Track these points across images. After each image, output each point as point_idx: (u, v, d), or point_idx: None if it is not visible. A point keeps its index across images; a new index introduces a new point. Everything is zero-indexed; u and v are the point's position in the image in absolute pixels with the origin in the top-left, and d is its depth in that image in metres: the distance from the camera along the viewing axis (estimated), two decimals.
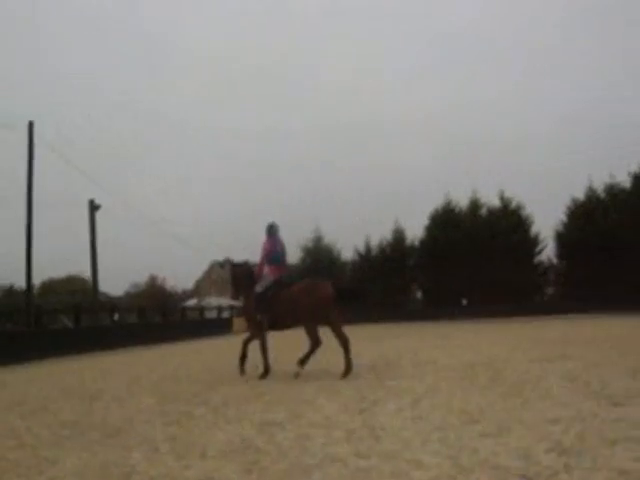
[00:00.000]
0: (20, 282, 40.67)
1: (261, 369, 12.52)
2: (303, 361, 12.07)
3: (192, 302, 65.12)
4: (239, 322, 40.83)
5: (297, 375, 11.79)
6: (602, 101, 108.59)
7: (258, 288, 12.83)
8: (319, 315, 12.12)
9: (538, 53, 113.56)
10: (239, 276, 13.40)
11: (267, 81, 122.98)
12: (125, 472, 5.33)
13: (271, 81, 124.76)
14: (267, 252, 13.01)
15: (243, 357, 13.09)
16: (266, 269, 13.05)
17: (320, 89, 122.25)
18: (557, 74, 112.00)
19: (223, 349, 22.46)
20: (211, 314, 46.60)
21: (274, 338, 12.94)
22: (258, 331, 12.94)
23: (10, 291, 68.36)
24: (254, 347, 12.89)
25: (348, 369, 11.66)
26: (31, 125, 32.18)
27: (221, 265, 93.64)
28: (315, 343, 12.11)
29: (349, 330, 12.10)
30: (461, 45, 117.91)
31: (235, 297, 14.40)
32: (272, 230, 13.11)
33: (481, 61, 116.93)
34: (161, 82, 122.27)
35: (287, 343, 12.67)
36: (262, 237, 13.16)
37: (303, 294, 12.15)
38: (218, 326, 39.11)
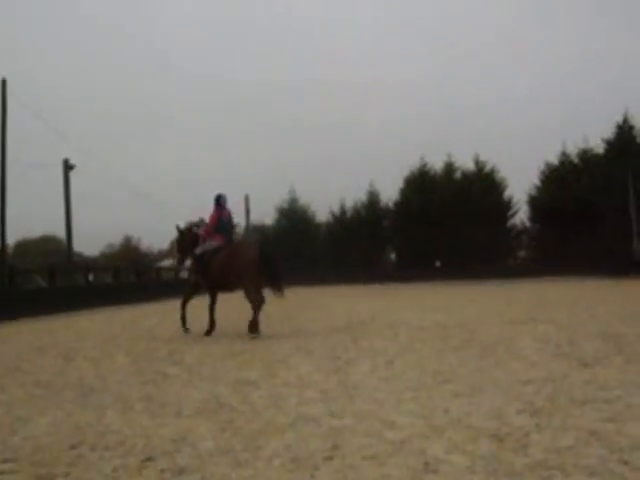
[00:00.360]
0: None
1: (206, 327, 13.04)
2: (253, 326, 12.08)
3: (167, 262, 64.85)
4: None
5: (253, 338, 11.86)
6: (580, 66, 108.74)
7: (197, 250, 13.34)
8: (248, 277, 12.30)
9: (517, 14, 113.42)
10: (186, 241, 13.74)
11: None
12: (99, 431, 5.29)
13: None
14: (213, 221, 13.33)
15: (183, 317, 13.58)
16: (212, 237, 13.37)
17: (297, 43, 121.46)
18: (536, 36, 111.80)
19: (197, 309, 22.41)
20: (186, 274, 46.36)
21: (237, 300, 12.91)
22: (190, 291, 13.88)
23: None
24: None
25: (254, 327, 12.06)
26: (4, 82, 31.57)
27: (196, 226, 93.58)
28: (254, 304, 12.23)
29: (324, 291, 12.10)
30: (442, 5, 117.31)
31: (180, 262, 14.80)
32: (220, 200, 13.39)
33: (463, 22, 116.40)
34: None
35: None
36: (232, 199, 13.55)
37: (229, 258, 12.53)
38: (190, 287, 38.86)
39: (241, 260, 12.32)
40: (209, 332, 12.89)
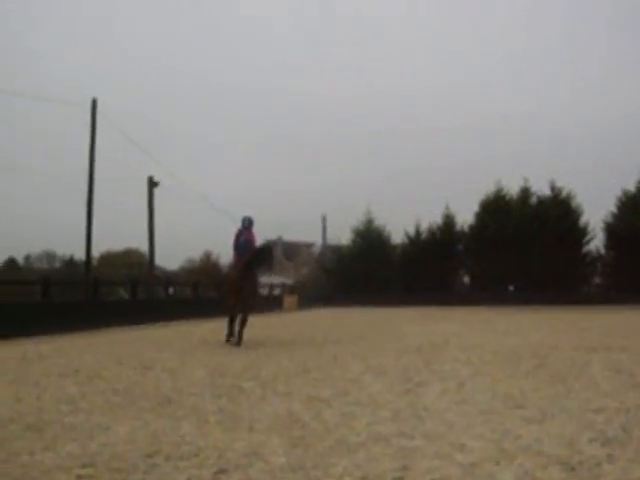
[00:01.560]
0: (80, 254, 41.38)
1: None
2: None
3: None
4: (289, 300, 41.15)
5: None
6: None
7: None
8: (231, 295, 14.38)
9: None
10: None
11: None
12: (174, 441, 5.36)
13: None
14: (234, 240, 14.53)
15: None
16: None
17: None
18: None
19: (273, 325, 22.57)
20: (263, 291, 46.75)
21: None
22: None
23: (70, 262, 69.64)
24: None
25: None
26: (94, 102, 32.60)
27: (274, 243, 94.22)
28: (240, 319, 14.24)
29: (397, 312, 12.05)
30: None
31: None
32: (243, 222, 14.42)
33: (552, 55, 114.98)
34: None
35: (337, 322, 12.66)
36: (315, 217, 14.16)
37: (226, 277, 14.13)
38: (269, 303, 39.28)
39: (227, 280, 13.35)
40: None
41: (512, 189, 51.98)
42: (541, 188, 51.06)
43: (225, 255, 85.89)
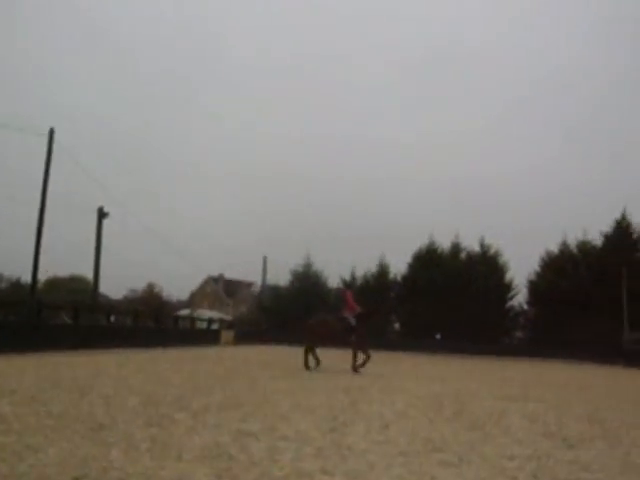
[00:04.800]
0: (27, 277, 40.56)
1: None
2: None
3: (185, 312, 64.75)
4: (227, 335, 40.80)
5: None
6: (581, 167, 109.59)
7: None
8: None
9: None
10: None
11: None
12: (103, 467, 5.23)
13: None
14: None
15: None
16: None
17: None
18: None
19: (209, 358, 22.31)
20: (202, 325, 46.32)
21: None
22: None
23: (17, 284, 68.16)
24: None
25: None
26: (52, 132, 32.18)
27: (215, 280, 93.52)
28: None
29: (332, 353, 12.02)
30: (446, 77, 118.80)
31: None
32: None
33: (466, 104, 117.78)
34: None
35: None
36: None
37: None
38: (207, 337, 38.95)
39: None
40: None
41: (444, 244, 52.93)
42: (471, 244, 52.10)
43: (168, 288, 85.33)
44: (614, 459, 6.64)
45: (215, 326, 46.21)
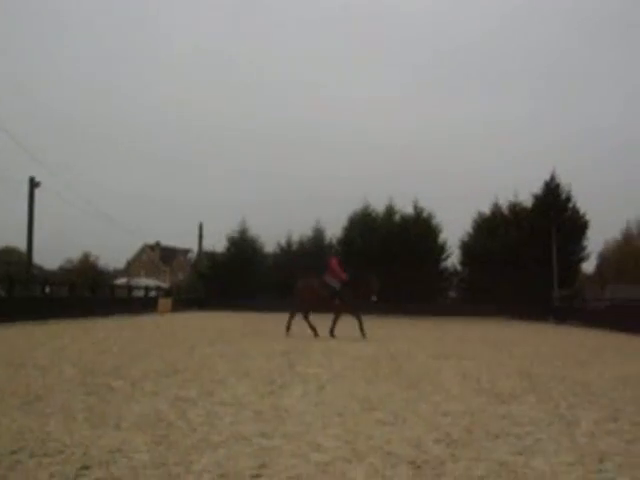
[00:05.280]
0: None
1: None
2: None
3: (122, 281, 63.87)
4: (164, 303, 40.44)
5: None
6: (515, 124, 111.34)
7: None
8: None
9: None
10: None
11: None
12: (40, 438, 5.16)
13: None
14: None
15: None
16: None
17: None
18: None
19: (146, 327, 22.11)
20: (139, 293, 45.77)
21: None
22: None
23: None
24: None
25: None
26: None
27: (152, 248, 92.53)
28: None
29: (269, 317, 12.00)
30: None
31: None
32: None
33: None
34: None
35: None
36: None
37: None
38: (144, 305, 38.54)
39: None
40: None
41: (378, 207, 53.09)
42: (405, 207, 52.42)
43: (104, 258, 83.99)
44: (544, 412, 6.83)
45: (152, 294, 45.74)
